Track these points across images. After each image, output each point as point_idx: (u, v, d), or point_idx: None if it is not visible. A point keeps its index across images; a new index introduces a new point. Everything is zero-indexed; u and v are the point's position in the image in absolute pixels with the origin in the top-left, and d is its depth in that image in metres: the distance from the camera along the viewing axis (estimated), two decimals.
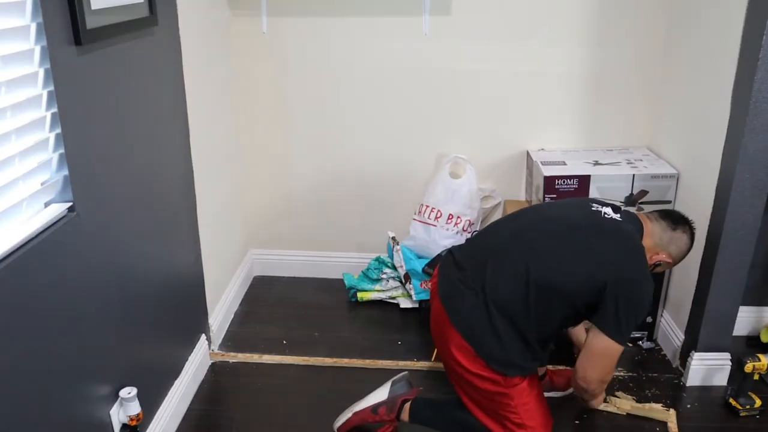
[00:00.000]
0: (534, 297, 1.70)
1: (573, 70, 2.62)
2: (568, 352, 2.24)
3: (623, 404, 2.15)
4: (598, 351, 1.75)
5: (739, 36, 1.97)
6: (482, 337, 1.72)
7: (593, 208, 1.84)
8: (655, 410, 2.13)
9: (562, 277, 1.71)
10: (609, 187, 2.40)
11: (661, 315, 2.50)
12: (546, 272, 1.71)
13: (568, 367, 2.23)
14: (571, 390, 2.19)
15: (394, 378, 2.00)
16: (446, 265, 1.89)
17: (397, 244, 2.72)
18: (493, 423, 1.80)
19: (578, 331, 2.14)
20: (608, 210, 1.84)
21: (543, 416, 1.81)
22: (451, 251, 1.94)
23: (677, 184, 2.40)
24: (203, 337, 2.34)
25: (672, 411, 2.13)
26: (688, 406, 2.19)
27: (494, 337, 1.71)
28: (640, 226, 1.85)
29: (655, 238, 1.84)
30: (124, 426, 1.68)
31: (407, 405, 1.93)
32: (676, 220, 1.88)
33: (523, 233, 1.83)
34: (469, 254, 1.86)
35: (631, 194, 2.42)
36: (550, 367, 2.27)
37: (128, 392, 1.65)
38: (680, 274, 2.38)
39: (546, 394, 2.10)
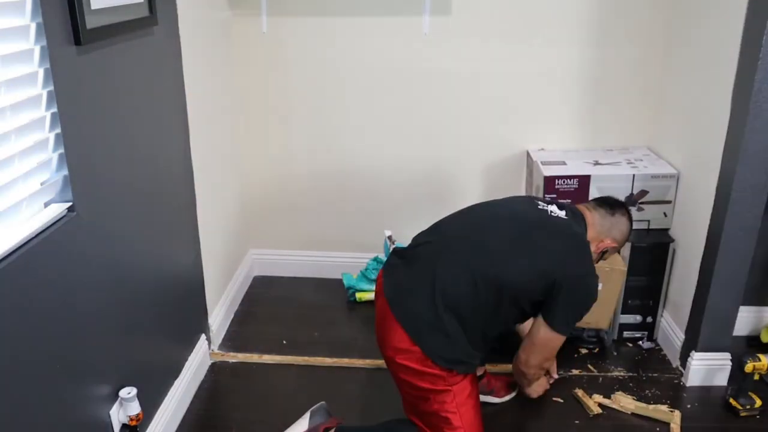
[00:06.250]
0: (483, 295, 1.70)
1: (573, 70, 2.62)
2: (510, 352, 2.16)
3: (628, 403, 2.15)
4: (542, 341, 1.82)
5: (739, 36, 1.97)
6: (429, 334, 1.70)
7: (539, 207, 1.86)
8: (660, 411, 2.12)
9: (512, 275, 1.72)
10: (609, 187, 2.40)
11: (661, 315, 2.50)
12: (497, 270, 1.72)
13: (508, 374, 2.24)
14: (507, 398, 2.19)
15: (312, 408, 1.99)
16: (392, 264, 1.87)
17: (393, 243, 2.71)
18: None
19: (525, 326, 2.08)
20: (553, 208, 1.87)
21: (477, 417, 1.79)
22: (396, 251, 1.92)
23: (677, 184, 2.40)
24: (203, 337, 2.34)
25: (677, 413, 2.12)
26: (689, 406, 2.19)
27: (441, 334, 1.69)
28: (583, 220, 1.89)
29: (597, 226, 1.90)
30: (124, 426, 1.68)
31: None
32: (613, 206, 1.94)
33: (474, 231, 1.83)
34: (419, 252, 1.83)
35: (631, 194, 2.42)
36: (489, 368, 2.26)
37: (128, 392, 1.65)
38: (680, 274, 2.38)
39: (482, 399, 2.08)
